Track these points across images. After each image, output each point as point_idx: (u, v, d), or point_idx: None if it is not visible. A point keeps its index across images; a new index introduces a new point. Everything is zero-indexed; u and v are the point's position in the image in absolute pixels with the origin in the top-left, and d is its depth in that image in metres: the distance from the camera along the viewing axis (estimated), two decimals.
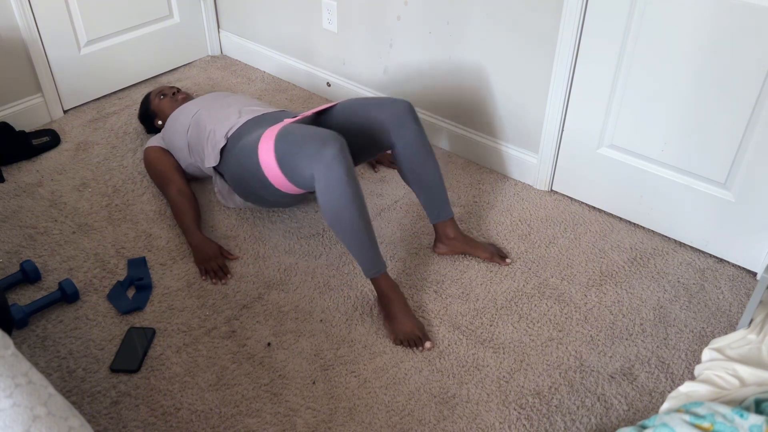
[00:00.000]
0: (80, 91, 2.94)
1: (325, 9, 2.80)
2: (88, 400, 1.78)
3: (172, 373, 1.85)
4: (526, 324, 1.99)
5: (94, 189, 2.50)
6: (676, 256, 2.22)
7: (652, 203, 2.27)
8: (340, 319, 2.00)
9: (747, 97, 1.91)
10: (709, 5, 1.86)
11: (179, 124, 2.37)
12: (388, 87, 2.79)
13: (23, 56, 2.70)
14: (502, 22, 2.31)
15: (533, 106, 2.38)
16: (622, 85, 2.13)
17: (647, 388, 1.81)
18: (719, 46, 1.90)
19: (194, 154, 2.31)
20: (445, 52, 2.52)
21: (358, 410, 1.76)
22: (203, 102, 2.40)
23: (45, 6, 2.69)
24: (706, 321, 2.00)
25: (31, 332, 1.95)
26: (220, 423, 1.72)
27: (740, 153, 2.01)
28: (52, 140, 2.72)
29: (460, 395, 1.79)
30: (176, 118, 2.41)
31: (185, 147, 2.34)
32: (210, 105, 2.36)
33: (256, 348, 1.92)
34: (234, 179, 2.15)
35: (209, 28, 3.32)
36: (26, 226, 2.32)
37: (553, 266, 2.18)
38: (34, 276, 2.09)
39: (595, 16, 2.08)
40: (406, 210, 2.40)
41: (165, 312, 2.02)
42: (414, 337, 1.91)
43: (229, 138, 2.17)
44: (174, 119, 2.41)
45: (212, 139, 2.21)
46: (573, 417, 1.74)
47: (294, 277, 2.14)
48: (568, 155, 2.39)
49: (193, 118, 2.33)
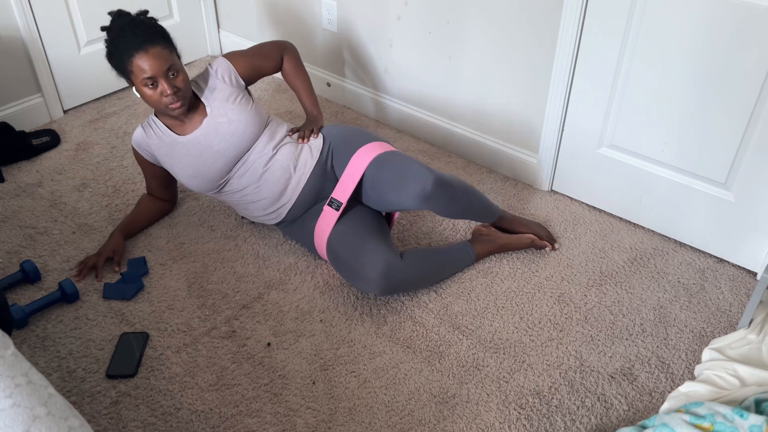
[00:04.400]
0: (80, 91, 2.94)
1: (325, 9, 2.80)
2: (88, 400, 1.78)
3: (172, 373, 1.84)
4: (526, 324, 1.99)
5: (94, 189, 2.50)
6: (676, 256, 2.22)
7: (652, 203, 2.26)
8: (340, 319, 2.00)
9: (747, 97, 1.91)
10: (709, 5, 1.86)
11: (203, 182, 2.09)
12: (388, 87, 2.79)
13: (23, 56, 2.70)
14: (502, 23, 2.31)
15: (533, 106, 2.38)
16: (622, 85, 2.13)
17: (647, 388, 1.81)
18: (719, 46, 1.90)
19: (223, 198, 2.18)
20: (445, 52, 2.52)
21: (358, 410, 1.76)
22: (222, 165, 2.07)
23: (45, 6, 2.69)
24: (706, 321, 2.00)
25: (31, 332, 1.95)
26: (220, 423, 1.72)
27: (740, 153, 2.01)
28: (52, 140, 2.72)
29: (460, 395, 1.79)
30: (197, 171, 2.07)
31: (195, 189, 2.14)
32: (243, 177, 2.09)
33: (256, 348, 1.91)
34: (280, 230, 2.25)
35: (209, 28, 3.32)
36: (26, 226, 2.32)
37: (553, 266, 2.18)
38: (34, 276, 2.09)
39: (595, 16, 2.08)
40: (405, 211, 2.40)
41: (165, 312, 2.02)
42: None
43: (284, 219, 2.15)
44: (190, 167, 2.08)
45: (256, 216, 2.16)
46: (573, 417, 1.74)
47: (294, 277, 2.14)
48: (568, 155, 2.39)
49: (224, 192, 2.13)
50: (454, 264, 2.13)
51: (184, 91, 1.97)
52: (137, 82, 1.94)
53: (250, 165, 2.06)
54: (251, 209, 2.14)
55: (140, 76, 1.92)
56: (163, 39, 1.96)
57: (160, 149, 2.10)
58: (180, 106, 1.97)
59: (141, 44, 1.90)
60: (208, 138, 2.03)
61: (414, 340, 1.94)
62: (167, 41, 1.97)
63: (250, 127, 2.05)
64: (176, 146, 2.06)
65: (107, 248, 2.16)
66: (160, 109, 1.99)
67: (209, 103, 2.06)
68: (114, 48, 1.96)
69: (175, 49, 2.00)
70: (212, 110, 2.05)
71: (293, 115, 2.93)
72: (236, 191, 2.10)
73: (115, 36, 1.96)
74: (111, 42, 1.97)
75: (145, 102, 1.99)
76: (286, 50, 2.26)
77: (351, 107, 2.99)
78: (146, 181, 2.29)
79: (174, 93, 1.94)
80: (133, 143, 2.17)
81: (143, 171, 2.26)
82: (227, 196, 2.14)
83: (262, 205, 2.10)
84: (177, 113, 2.00)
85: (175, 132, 2.07)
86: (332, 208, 2.04)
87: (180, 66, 1.98)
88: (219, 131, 2.03)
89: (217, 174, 2.06)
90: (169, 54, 1.95)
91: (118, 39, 1.95)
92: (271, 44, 2.26)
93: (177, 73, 1.95)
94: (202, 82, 2.10)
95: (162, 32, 1.98)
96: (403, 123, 2.83)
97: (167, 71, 1.93)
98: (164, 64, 1.92)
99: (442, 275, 2.11)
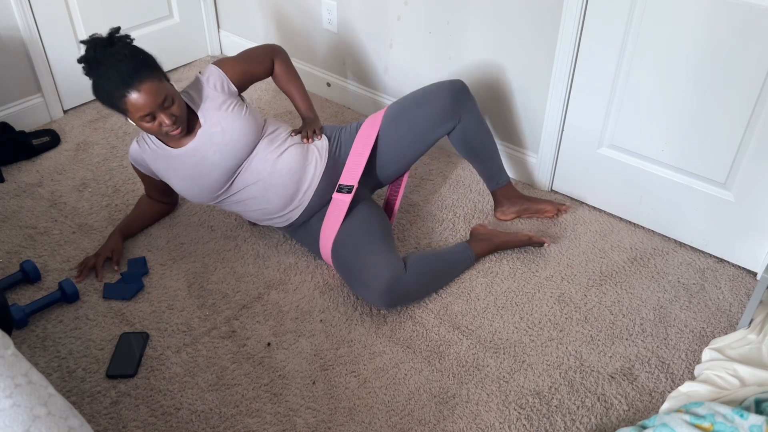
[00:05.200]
0: (80, 91, 2.93)
1: (325, 9, 2.80)
2: (88, 400, 1.78)
3: (172, 373, 1.85)
4: (526, 324, 1.99)
5: (94, 189, 2.50)
6: (676, 256, 2.22)
7: (652, 203, 2.27)
8: (340, 319, 2.00)
9: (747, 97, 1.91)
10: (709, 5, 1.86)
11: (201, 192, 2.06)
12: (388, 87, 2.79)
13: (23, 56, 2.70)
14: (502, 23, 2.31)
15: (533, 106, 2.38)
16: (622, 85, 2.13)
17: (647, 388, 1.81)
18: (719, 46, 1.89)
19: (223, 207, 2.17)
20: (445, 52, 2.52)
21: (358, 410, 1.76)
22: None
23: (45, 6, 2.69)
24: (706, 321, 2.00)
25: (31, 332, 1.95)
26: (220, 423, 1.72)
27: (740, 153, 2.01)
28: (52, 140, 2.72)
29: (460, 395, 1.79)
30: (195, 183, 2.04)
31: (197, 201, 2.13)
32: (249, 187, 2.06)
33: (256, 348, 1.91)
34: (286, 234, 2.26)
35: (209, 28, 3.32)
36: (26, 226, 2.32)
37: (553, 266, 2.18)
38: (34, 276, 2.09)
39: (595, 16, 2.08)
40: (405, 211, 2.40)
41: (165, 312, 2.02)
42: None
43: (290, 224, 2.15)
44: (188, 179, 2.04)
45: (264, 222, 2.15)
46: (573, 417, 1.74)
47: (294, 277, 2.14)
48: (568, 155, 2.39)
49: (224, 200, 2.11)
50: (456, 269, 2.13)
51: (181, 116, 1.90)
52: (133, 118, 1.87)
53: (253, 170, 2.01)
54: (258, 215, 2.10)
55: (136, 114, 1.84)
56: (148, 69, 1.84)
57: (155, 162, 2.05)
58: (180, 132, 1.92)
59: (130, 82, 1.80)
60: (203, 149, 1.97)
61: (414, 340, 1.94)
62: (153, 69, 1.86)
63: (244, 135, 1.98)
64: (172, 160, 2.01)
65: (106, 248, 2.16)
66: (159, 137, 1.96)
67: (202, 114, 1.99)
68: (100, 87, 1.85)
69: (162, 73, 1.90)
70: (206, 120, 1.98)
71: (294, 115, 2.93)
72: (241, 200, 2.06)
73: (99, 74, 1.83)
74: (95, 79, 1.85)
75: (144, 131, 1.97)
76: (276, 54, 2.22)
77: (351, 107, 2.99)
78: (145, 187, 2.29)
79: (173, 123, 1.87)
80: (129, 158, 2.15)
81: (142, 181, 2.25)
82: (231, 205, 2.10)
83: (271, 210, 2.07)
84: (177, 137, 1.95)
85: (170, 146, 2.01)
86: (342, 194, 2.04)
87: (173, 92, 1.89)
88: (213, 141, 1.97)
89: (215, 184, 2.01)
90: (160, 84, 1.84)
91: (102, 78, 1.83)
92: (261, 48, 2.22)
93: (172, 101, 1.87)
94: (194, 93, 2.02)
95: (145, 61, 1.86)
96: None
97: (162, 103, 1.84)
98: (158, 98, 1.82)
99: (445, 280, 2.11)
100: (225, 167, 1.99)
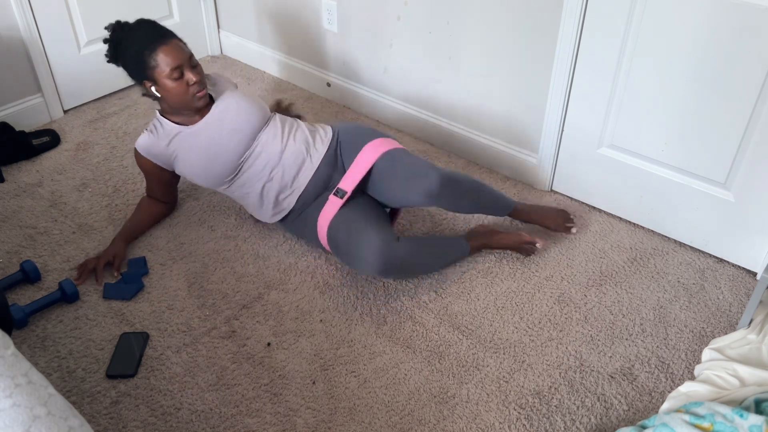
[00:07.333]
0: (80, 91, 2.94)
1: (325, 9, 2.81)
2: (88, 400, 1.78)
3: (172, 373, 1.85)
4: (526, 324, 1.99)
5: (94, 189, 2.50)
6: (676, 256, 2.22)
7: (652, 203, 2.27)
8: (339, 319, 2.00)
9: (747, 97, 1.91)
10: (709, 5, 1.86)
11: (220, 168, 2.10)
12: (388, 87, 2.79)
13: (23, 56, 2.70)
14: (502, 23, 2.31)
15: (533, 106, 2.38)
16: (622, 85, 2.13)
17: (647, 388, 1.81)
18: (719, 45, 1.90)
19: (230, 194, 2.21)
20: (445, 52, 2.52)
21: (358, 410, 1.76)
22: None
23: (45, 6, 2.69)
24: (706, 321, 2.00)
25: (31, 332, 1.95)
26: (220, 423, 1.72)
27: (740, 153, 2.01)
28: (52, 140, 2.72)
29: (460, 395, 1.79)
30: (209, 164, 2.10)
31: (211, 183, 2.15)
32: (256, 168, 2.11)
33: (256, 348, 1.92)
34: (283, 226, 2.26)
35: (209, 28, 3.32)
36: (26, 226, 2.32)
37: (553, 266, 2.18)
38: (34, 276, 2.09)
39: (595, 15, 2.08)
40: (405, 211, 2.40)
41: (165, 312, 2.02)
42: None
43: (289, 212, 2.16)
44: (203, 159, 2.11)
45: (265, 208, 2.15)
46: (573, 417, 1.74)
47: (294, 277, 2.14)
48: (568, 155, 2.39)
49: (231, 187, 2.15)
50: (448, 253, 2.14)
51: (203, 81, 2.05)
52: (161, 76, 1.99)
53: (266, 145, 2.09)
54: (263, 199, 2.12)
55: (165, 69, 1.98)
56: (171, 32, 2.05)
57: (170, 146, 2.12)
58: (205, 94, 2.06)
59: (160, 38, 1.99)
60: (221, 119, 2.09)
61: (414, 340, 1.94)
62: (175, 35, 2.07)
63: (257, 107, 2.13)
64: (189, 138, 2.10)
65: (108, 253, 2.16)
66: (185, 101, 2.04)
67: (215, 93, 2.16)
68: (130, 47, 2.02)
69: None
70: (219, 98, 2.13)
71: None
72: (251, 179, 2.09)
73: (128, 36, 2.02)
74: (124, 42, 2.03)
75: (168, 98, 2.03)
76: None
77: (351, 107, 2.99)
78: (148, 184, 2.29)
79: (199, 81, 2.02)
80: (140, 150, 2.15)
81: (147, 176, 2.25)
82: (239, 188, 2.13)
83: (276, 189, 2.10)
84: (202, 103, 2.06)
85: (184, 125, 2.12)
86: (337, 197, 2.05)
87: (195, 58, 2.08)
88: (230, 110, 2.10)
89: (234, 155, 2.07)
90: (185, 45, 2.05)
91: (132, 39, 2.01)
92: None
93: (196, 63, 2.05)
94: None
95: (166, 28, 2.07)
96: (403, 123, 2.83)
97: (190, 60, 2.02)
98: (186, 53, 2.02)
99: (438, 261, 2.11)
100: (243, 132, 2.08)
